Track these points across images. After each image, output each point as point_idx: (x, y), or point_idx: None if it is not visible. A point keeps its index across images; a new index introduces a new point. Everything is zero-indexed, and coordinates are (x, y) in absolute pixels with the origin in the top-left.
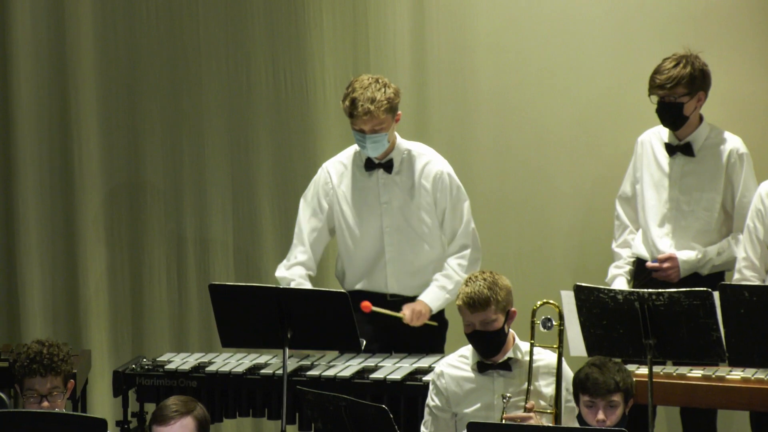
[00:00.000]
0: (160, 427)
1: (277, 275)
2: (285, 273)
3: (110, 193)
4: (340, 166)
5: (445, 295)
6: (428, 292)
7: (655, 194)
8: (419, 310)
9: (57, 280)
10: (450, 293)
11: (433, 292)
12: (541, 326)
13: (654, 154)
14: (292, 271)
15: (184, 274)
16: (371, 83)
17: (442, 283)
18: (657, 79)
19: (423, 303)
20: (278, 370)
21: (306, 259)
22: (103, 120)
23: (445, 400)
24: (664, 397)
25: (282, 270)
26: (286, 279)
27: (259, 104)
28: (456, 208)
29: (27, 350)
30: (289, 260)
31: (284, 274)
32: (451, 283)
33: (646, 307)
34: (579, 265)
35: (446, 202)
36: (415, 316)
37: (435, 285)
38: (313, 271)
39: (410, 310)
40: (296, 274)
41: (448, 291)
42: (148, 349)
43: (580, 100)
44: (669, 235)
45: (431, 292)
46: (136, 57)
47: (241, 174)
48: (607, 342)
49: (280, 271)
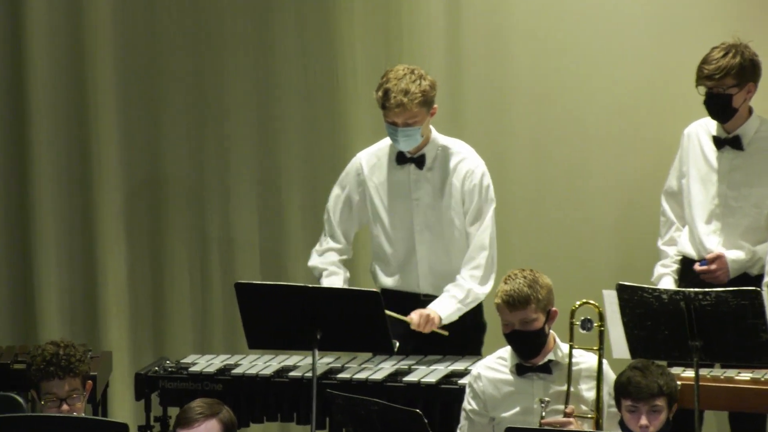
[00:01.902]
0: (184, 430)
1: (310, 264)
2: (317, 262)
3: (130, 189)
4: (373, 158)
5: (456, 304)
6: (438, 301)
7: (702, 189)
8: (427, 315)
9: (75, 280)
10: (462, 302)
11: (444, 301)
12: (581, 327)
13: (701, 148)
14: (324, 258)
15: (208, 273)
16: (406, 74)
17: (453, 292)
18: (705, 69)
19: (433, 310)
20: (307, 373)
21: (339, 246)
22: (123, 112)
23: (483, 404)
24: (710, 402)
25: (315, 258)
26: (318, 269)
27: (287, 95)
28: (480, 210)
29: (42, 352)
30: (321, 245)
31: (316, 263)
32: (461, 292)
33: (692, 308)
34: (621, 265)
35: (472, 202)
36: (423, 321)
37: (445, 294)
38: (348, 254)
39: (418, 315)
40: (328, 262)
41: (459, 300)
42: (170, 351)
43: (623, 89)
44: (716, 232)
45: (441, 301)
46: (158, 45)
47: (268, 168)
48: (651, 344)
49: (313, 259)
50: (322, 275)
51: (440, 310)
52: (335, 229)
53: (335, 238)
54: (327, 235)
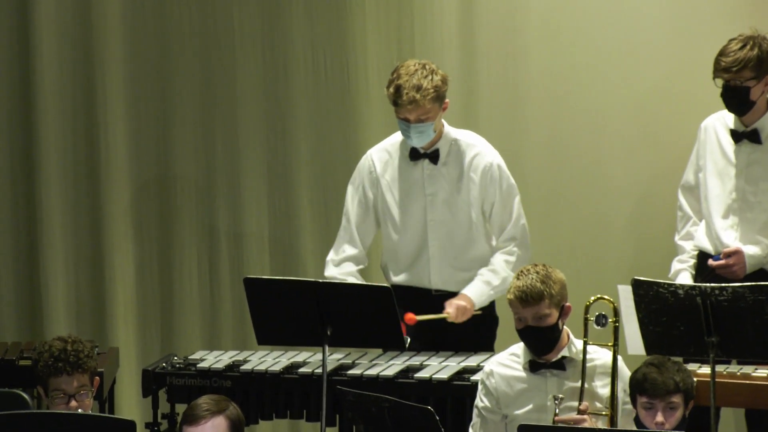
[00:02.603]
0: (191, 427)
1: (327, 275)
2: (335, 272)
3: (138, 184)
4: (384, 154)
5: (489, 291)
6: (472, 286)
7: (720, 184)
8: (464, 306)
9: (82, 276)
10: (495, 289)
11: (477, 287)
12: (595, 323)
13: (718, 141)
14: (342, 269)
15: (217, 268)
16: (417, 69)
17: (487, 278)
18: (722, 61)
19: (467, 297)
20: (317, 369)
21: (355, 252)
22: (131, 106)
23: (495, 401)
24: (727, 398)
25: (331, 268)
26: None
27: (297, 90)
28: (506, 203)
29: (49, 348)
30: (338, 254)
31: (334, 273)
32: (497, 278)
33: (708, 303)
34: (637, 260)
35: (495, 196)
36: (460, 313)
37: (479, 279)
38: (364, 263)
39: (454, 307)
40: (347, 272)
41: (493, 287)
42: (178, 347)
43: (639, 84)
44: (734, 227)
45: (475, 287)
46: (168, 40)
47: (278, 164)
48: (666, 340)
49: (330, 270)
50: None
51: (474, 297)
52: (353, 233)
53: (353, 243)
54: (344, 241)
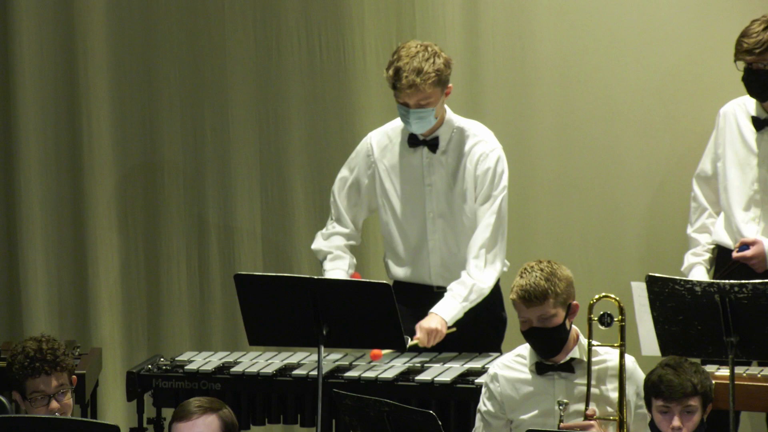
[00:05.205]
0: (181, 423)
1: (314, 247)
2: (322, 245)
3: (123, 173)
4: (384, 138)
5: (461, 303)
6: (440, 303)
7: (740, 174)
8: (434, 329)
9: (64, 271)
10: (466, 300)
11: (447, 303)
12: (599, 323)
13: (739, 129)
14: (330, 242)
15: (206, 264)
16: (419, 51)
17: (456, 291)
18: (744, 43)
19: (436, 317)
20: (312, 371)
21: (345, 231)
22: (114, 89)
23: (499, 406)
24: (747, 402)
25: (319, 241)
26: (323, 252)
27: (291, 73)
28: (488, 197)
29: (24, 350)
30: (327, 229)
31: (321, 246)
32: (464, 289)
33: (727, 301)
34: (651, 255)
35: (483, 186)
36: (431, 337)
37: (448, 294)
38: (355, 240)
39: (424, 332)
40: (334, 246)
41: (463, 298)
42: (165, 348)
43: (654, 67)
44: (755, 220)
45: (444, 303)
46: (152, 17)
47: (271, 152)
48: (683, 340)
49: (317, 242)
50: (326, 258)
51: (444, 314)
52: (342, 213)
53: (342, 222)
54: (333, 219)
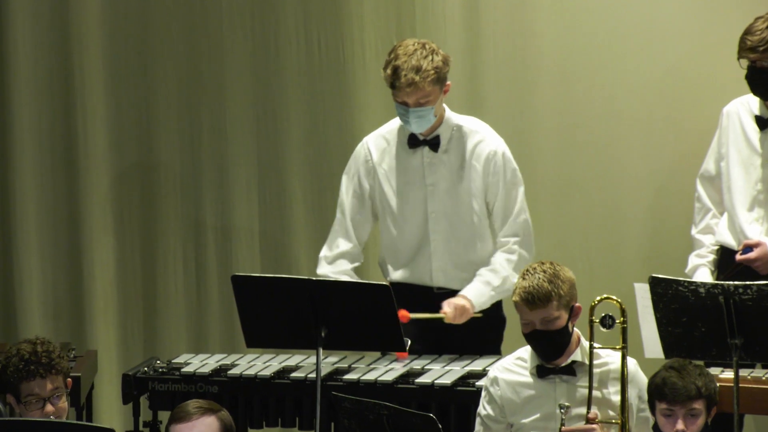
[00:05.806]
0: (180, 424)
1: (320, 273)
2: (328, 271)
3: (119, 173)
4: (381, 141)
5: (490, 291)
6: (471, 287)
7: (743, 174)
8: (462, 305)
9: (59, 273)
10: (496, 290)
11: (477, 287)
12: (600, 325)
13: (742, 128)
14: (336, 266)
15: (203, 265)
16: (417, 49)
17: (487, 278)
18: (748, 40)
19: (466, 298)
20: (311, 374)
21: (350, 248)
22: (110, 88)
23: (499, 410)
24: (751, 405)
25: (324, 266)
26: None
27: (289, 70)
28: (509, 194)
29: (18, 352)
30: (332, 249)
31: (327, 271)
32: (497, 278)
33: (731, 302)
34: (653, 256)
35: (498, 186)
36: (458, 313)
37: (479, 280)
38: (359, 260)
39: (453, 307)
40: (341, 270)
41: (494, 287)
42: (162, 350)
43: (656, 65)
44: (759, 220)
45: (474, 287)
46: (148, 16)
47: (269, 152)
48: (687, 342)
49: (323, 267)
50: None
51: (473, 298)
52: (348, 227)
53: (348, 237)
54: (338, 235)
